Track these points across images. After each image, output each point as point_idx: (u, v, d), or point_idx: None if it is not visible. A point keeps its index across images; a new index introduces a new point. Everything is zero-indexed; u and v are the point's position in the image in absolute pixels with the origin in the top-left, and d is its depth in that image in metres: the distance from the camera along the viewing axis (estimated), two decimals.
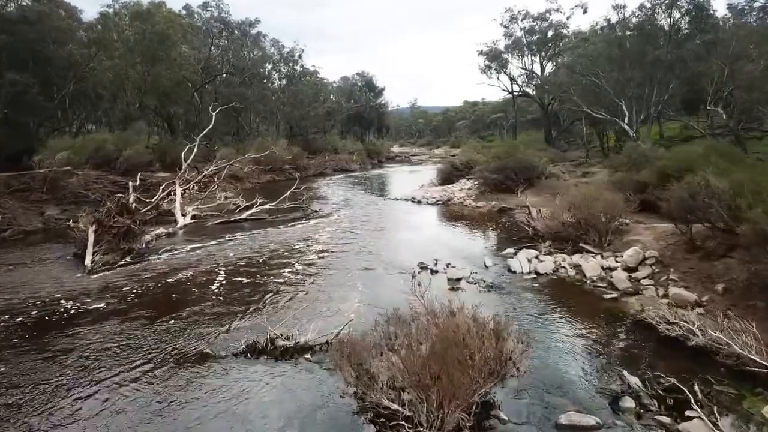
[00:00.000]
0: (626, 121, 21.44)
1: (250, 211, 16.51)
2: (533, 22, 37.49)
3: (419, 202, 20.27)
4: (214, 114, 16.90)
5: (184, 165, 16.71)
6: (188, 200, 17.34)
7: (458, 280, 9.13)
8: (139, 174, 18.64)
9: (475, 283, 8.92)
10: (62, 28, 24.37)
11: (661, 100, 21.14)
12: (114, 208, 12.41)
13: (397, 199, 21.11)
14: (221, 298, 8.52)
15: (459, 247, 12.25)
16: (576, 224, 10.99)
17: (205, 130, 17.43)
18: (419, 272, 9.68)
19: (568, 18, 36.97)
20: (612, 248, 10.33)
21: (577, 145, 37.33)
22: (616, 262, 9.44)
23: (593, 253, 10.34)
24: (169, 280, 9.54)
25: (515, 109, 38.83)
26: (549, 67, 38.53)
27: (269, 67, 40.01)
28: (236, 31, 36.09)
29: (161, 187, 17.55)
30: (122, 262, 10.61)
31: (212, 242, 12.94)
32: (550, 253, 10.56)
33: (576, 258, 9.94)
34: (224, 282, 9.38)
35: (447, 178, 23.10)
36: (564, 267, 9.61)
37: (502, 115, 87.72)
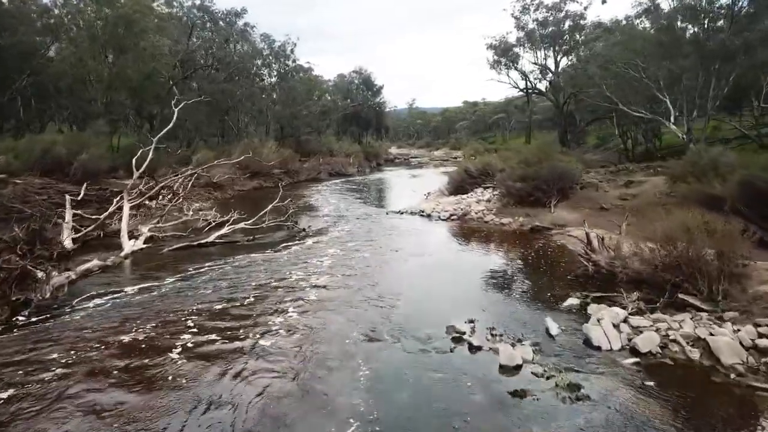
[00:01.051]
0: (672, 119, 18.15)
1: (220, 231, 13.08)
2: (547, 12, 34.28)
3: (429, 216, 16.92)
4: (176, 110, 13.42)
5: (136, 173, 13.27)
6: (144, 218, 13.93)
7: (517, 367, 5.75)
8: (86, 184, 15.24)
9: (546, 377, 5.53)
10: (10, 12, 20.94)
11: (720, 95, 17.85)
12: (22, 235, 9.02)
13: (403, 213, 17.74)
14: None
15: (496, 292, 8.90)
16: (671, 264, 7.64)
17: (164, 131, 13.98)
18: (453, 348, 6.33)
19: (585, 8, 33.76)
20: (733, 303, 6.99)
21: (585, 149, 34.12)
22: (759, 332, 6.10)
23: (705, 310, 7.00)
24: (87, 353, 6.14)
25: (530, 107, 35.55)
26: (563, 63, 35.34)
27: (259, 62, 36.56)
28: (221, 22, 32.66)
29: (118, 200, 14.19)
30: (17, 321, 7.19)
31: (166, 279, 9.53)
32: (639, 311, 7.20)
33: (690, 324, 6.57)
34: (159, 362, 5.97)
35: (459, 186, 19.74)
36: (676, 341, 6.24)
37: (504, 116, 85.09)
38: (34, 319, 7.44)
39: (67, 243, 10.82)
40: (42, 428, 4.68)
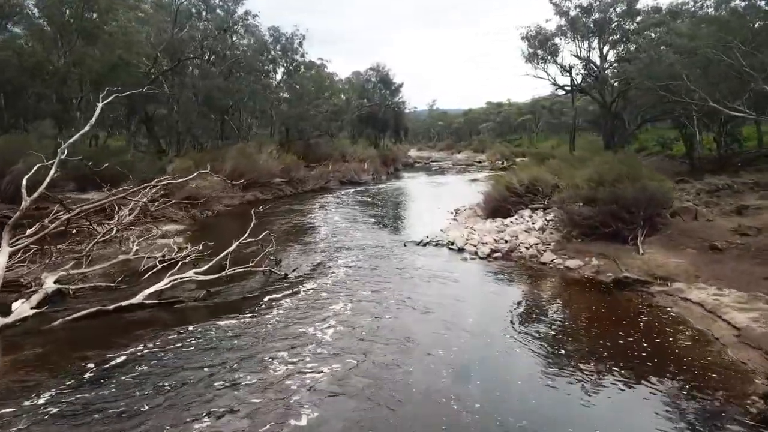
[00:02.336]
0: None
1: (156, 287, 8.85)
2: None
3: (461, 250, 12.52)
4: (101, 104, 9.29)
5: (26, 199, 9.09)
6: (53, 257, 9.82)
7: None
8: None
9: None
10: None
11: None
12: None
13: (426, 244, 13.37)
14: None
15: None
16: None
17: (75, 137, 9.82)
18: None
19: None
20: None
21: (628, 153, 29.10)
22: None
23: None
24: None
25: (574, 106, 30.63)
26: (611, 56, 30.43)
27: (263, 57, 32.57)
28: (218, 10, 28.76)
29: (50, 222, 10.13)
30: None
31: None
32: None
33: None
34: None
35: (499, 207, 15.25)
36: None
37: (530, 117, 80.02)
38: None
39: None
40: None
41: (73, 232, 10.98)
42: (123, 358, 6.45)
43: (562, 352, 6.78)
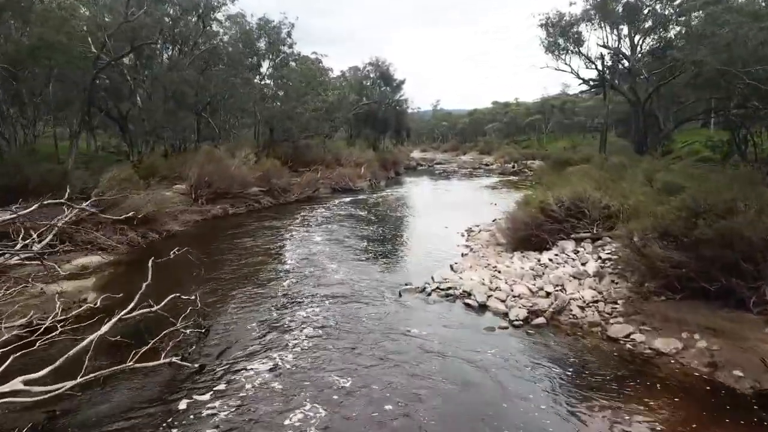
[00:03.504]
0: None
1: None
2: None
3: (483, 308, 8.52)
4: None
5: None
6: None
7: None
8: None
9: None
10: None
11: None
12: None
13: (431, 292, 9.36)
14: None
15: None
16: None
17: None
18: None
19: None
20: None
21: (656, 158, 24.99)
22: None
23: None
24: None
25: (607, 103, 26.38)
26: (645, 43, 26.32)
27: (246, 49, 28.65)
28: None
29: None
30: None
31: None
32: None
33: None
34: None
35: (529, 235, 11.17)
36: None
37: (539, 117, 75.86)
38: None
39: None
40: None
41: None
42: None
43: None
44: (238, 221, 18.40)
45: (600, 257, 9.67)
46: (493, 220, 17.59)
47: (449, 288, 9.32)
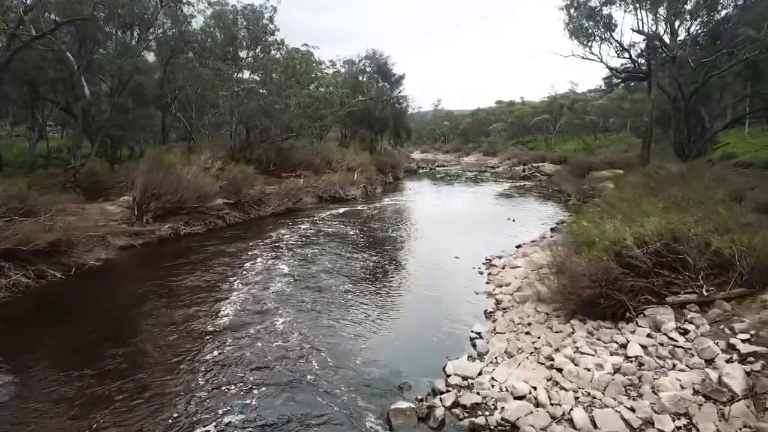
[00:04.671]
0: None
1: None
2: None
3: None
4: None
5: None
6: None
7: None
8: None
9: None
10: None
11: None
12: None
13: (441, 420, 5.28)
14: None
15: None
16: None
17: None
18: None
19: None
20: None
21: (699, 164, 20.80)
22: None
23: None
24: None
25: (652, 99, 22.02)
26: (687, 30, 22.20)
27: (218, 33, 24.63)
28: None
29: None
30: None
31: None
32: None
33: None
34: None
35: (596, 296, 7.03)
36: None
37: (547, 117, 71.74)
38: None
39: None
40: None
41: None
42: None
43: None
44: (190, 245, 14.36)
45: (733, 346, 5.61)
46: (517, 247, 13.59)
47: (474, 408, 5.27)
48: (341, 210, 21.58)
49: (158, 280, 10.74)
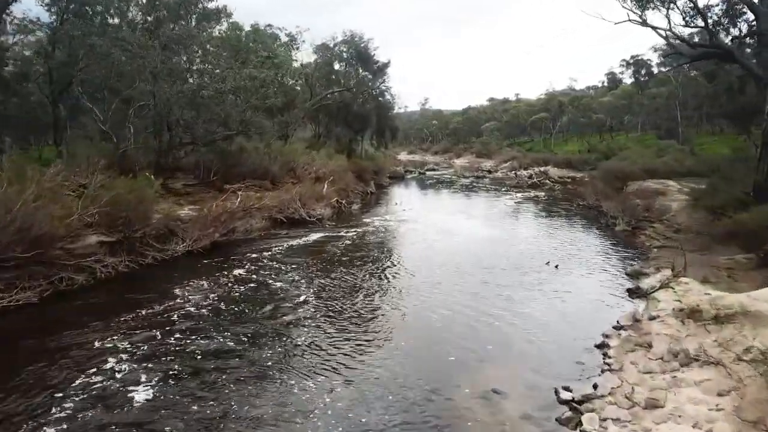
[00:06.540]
0: None
1: None
2: None
3: None
4: None
5: None
6: None
7: None
8: None
9: None
10: None
11: None
12: None
13: None
14: None
15: None
16: None
17: None
18: None
19: None
20: None
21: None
22: None
23: None
24: None
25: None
26: None
27: None
28: None
29: None
30: None
31: None
32: None
33: None
34: None
35: None
36: None
37: (545, 115, 65.64)
38: None
39: None
40: None
41: None
42: None
43: None
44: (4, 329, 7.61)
45: None
46: (599, 348, 7.10)
47: None
48: (297, 242, 14.93)
49: None
